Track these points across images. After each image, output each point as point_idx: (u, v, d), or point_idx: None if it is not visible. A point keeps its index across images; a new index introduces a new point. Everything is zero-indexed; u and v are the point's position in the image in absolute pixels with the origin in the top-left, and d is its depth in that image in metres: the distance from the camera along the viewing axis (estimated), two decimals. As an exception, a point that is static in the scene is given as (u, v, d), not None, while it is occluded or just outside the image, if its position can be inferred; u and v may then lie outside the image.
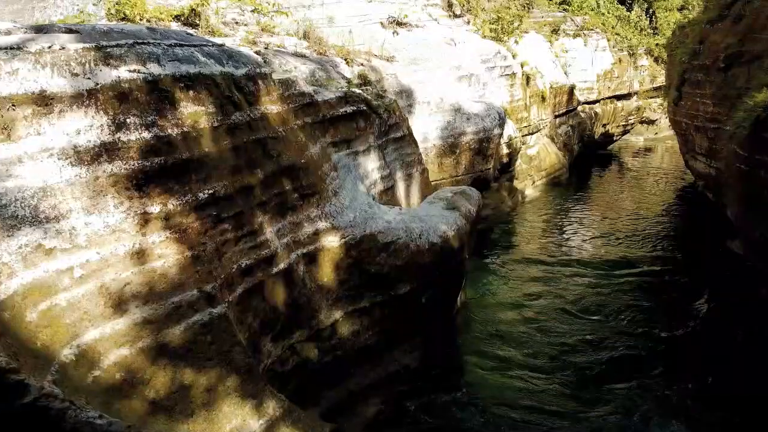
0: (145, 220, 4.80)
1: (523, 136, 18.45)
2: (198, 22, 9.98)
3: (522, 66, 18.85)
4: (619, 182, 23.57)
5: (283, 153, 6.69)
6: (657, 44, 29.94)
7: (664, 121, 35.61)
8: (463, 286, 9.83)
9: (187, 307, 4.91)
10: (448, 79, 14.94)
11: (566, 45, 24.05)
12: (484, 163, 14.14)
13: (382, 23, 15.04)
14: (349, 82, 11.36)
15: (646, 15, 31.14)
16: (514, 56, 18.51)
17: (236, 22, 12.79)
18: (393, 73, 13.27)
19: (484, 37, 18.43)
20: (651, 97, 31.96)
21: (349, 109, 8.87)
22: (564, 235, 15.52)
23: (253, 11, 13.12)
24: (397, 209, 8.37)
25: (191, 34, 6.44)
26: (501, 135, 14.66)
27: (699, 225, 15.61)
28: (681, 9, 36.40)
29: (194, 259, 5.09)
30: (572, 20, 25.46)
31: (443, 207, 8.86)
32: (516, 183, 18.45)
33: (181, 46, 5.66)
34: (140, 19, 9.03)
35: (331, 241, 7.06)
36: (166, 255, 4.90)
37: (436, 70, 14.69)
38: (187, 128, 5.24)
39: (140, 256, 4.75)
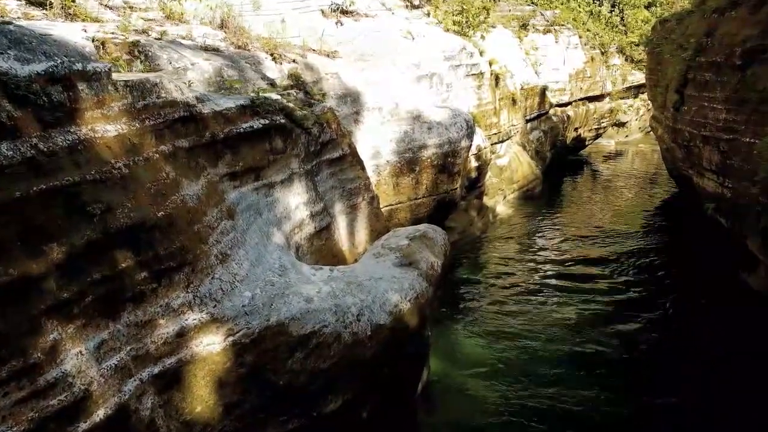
0: None
1: (492, 144, 16.00)
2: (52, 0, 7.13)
3: (490, 64, 16.38)
4: (595, 192, 21.47)
5: (120, 205, 3.98)
6: (630, 42, 28.08)
7: (635, 124, 34.04)
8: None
9: None
10: (404, 79, 12.35)
11: (536, 41, 21.78)
12: (450, 182, 11.59)
13: (323, 11, 12.34)
14: (272, 84, 8.68)
15: (617, 11, 29.27)
16: (481, 53, 16.01)
17: (130, 7, 9.96)
18: (335, 72, 10.60)
19: (447, 30, 15.89)
20: (622, 98, 30.18)
21: (257, 123, 6.17)
22: (543, 265, 13.10)
23: (155, -7, 10.30)
24: (325, 272, 5.70)
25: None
26: (469, 147, 12.13)
27: (692, 246, 13.48)
28: (648, 6, 34.85)
29: None
30: (542, 14, 23.22)
31: (395, 263, 6.24)
32: (486, 199, 15.97)
33: None
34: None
35: (210, 344, 4.38)
36: None
37: (391, 69, 12.08)
38: None
39: None
